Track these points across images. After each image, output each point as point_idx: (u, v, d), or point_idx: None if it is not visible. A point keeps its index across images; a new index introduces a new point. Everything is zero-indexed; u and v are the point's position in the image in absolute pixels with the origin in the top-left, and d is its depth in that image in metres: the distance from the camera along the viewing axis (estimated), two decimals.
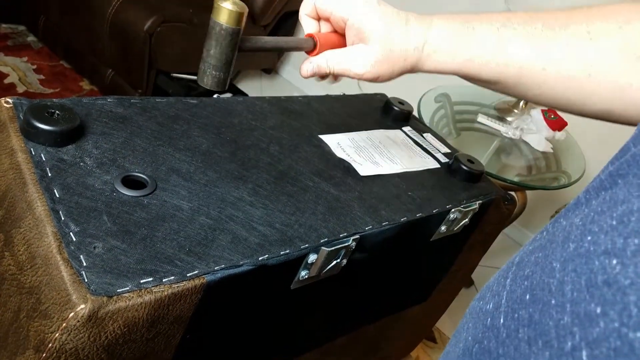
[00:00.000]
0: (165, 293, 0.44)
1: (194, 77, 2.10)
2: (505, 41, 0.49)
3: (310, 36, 0.56)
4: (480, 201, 0.78)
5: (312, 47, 0.56)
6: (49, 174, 0.49)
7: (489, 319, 0.27)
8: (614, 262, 0.21)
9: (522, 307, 0.24)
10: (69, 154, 0.52)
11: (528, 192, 1.62)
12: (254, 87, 2.58)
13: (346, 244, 0.59)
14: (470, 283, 1.84)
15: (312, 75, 0.56)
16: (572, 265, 0.23)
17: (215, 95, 0.74)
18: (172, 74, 2.03)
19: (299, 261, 0.56)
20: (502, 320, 0.26)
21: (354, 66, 0.54)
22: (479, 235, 0.88)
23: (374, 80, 0.55)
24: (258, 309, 0.59)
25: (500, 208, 0.86)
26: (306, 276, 0.59)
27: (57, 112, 0.53)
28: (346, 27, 0.54)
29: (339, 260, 0.61)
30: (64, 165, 0.51)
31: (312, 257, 0.57)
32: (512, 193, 1.27)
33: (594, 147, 1.68)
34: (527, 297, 0.25)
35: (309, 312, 0.69)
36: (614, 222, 0.23)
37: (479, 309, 0.29)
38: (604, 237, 0.23)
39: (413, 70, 0.54)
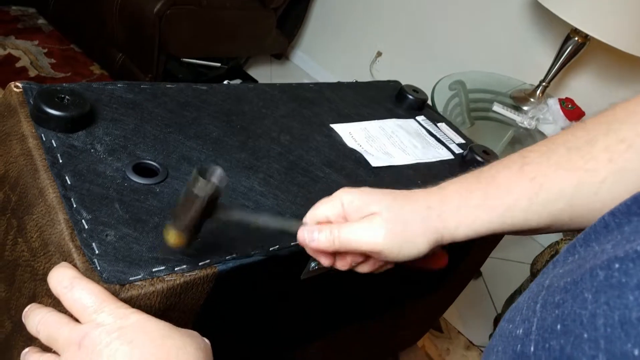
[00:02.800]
0: (178, 282, 0.44)
1: (204, 63, 2.09)
2: (533, 178, 0.43)
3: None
4: None
5: None
6: (60, 161, 0.49)
7: (519, 346, 0.26)
8: None
9: (554, 337, 0.23)
10: (79, 140, 0.52)
11: None
12: (264, 72, 2.56)
13: None
14: (478, 275, 1.84)
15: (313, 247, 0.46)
16: (604, 297, 0.22)
17: (225, 82, 0.73)
18: (182, 59, 2.02)
19: None
20: (532, 349, 0.25)
21: (362, 235, 0.44)
22: None
23: (390, 254, 0.45)
24: (268, 298, 0.59)
25: None
26: (316, 267, 0.59)
27: (67, 97, 0.53)
28: (345, 212, 0.47)
29: None
30: (75, 152, 0.50)
31: None
32: None
33: None
34: (559, 327, 0.23)
35: (318, 302, 0.69)
36: None
37: (508, 333, 0.28)
38: (633, 266, 0.21)
39: (441, 237, 0.46)
